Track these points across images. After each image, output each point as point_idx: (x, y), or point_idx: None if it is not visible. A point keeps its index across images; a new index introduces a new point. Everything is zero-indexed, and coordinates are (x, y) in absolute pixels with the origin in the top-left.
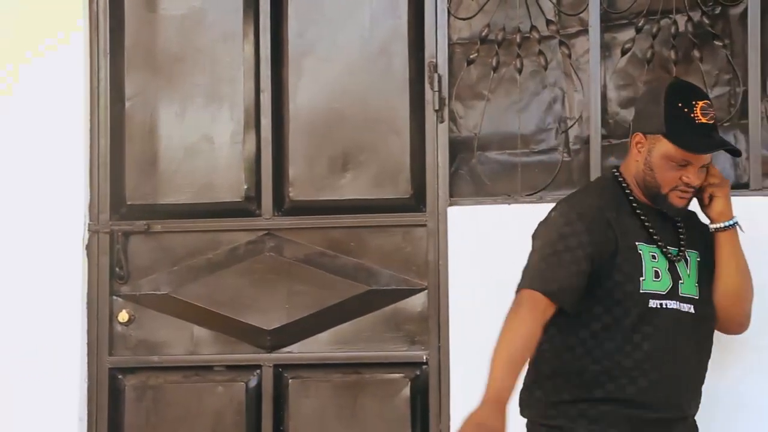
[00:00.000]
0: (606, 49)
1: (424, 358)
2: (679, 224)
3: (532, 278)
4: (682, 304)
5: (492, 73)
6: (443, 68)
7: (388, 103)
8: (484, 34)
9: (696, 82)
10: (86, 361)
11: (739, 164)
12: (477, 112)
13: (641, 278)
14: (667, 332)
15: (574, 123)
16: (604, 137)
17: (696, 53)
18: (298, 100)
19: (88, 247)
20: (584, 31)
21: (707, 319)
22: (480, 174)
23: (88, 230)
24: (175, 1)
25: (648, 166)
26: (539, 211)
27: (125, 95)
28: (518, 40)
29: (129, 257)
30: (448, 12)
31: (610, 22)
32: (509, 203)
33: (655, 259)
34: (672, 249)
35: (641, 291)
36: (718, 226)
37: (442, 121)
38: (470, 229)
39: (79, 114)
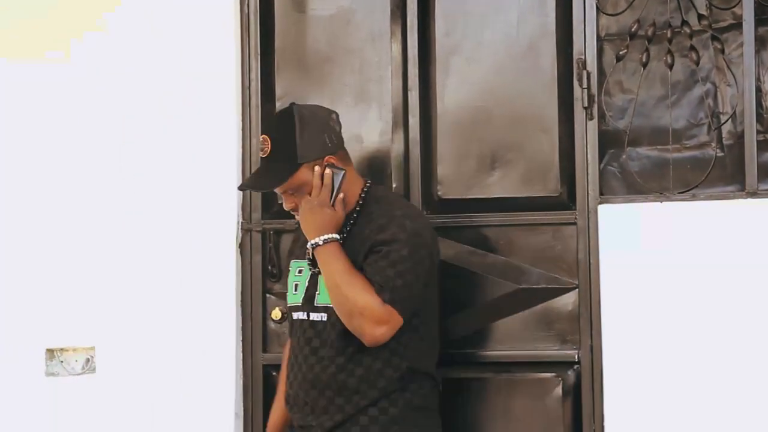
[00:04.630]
0: (760, 42)
1: (576, 357)
2: (346, 234)
3: None
4: (315, 314)
5: (642, 68)
6: (592, 65)
7: (535, 101)
8: (633, 29)
9: None
10: (241, 358)
11: None
12: (626, 108)
13: (286, 293)
14: (300, 341)
15: (729, 119)
16: (759, 132)
17: None
18: (446, 99)
19: (240, 246)
20: (737, 25)
21: (341, 324)
22: (630, 170)
23: (241, 229)
24: (323, 2)
25: None
26: (692, 209)
27: (276, 95)
28: (669, 35)
29: (281, 255)
30: (597, 8)
31: (764, 15)
32: (661, 201)
33: (300, 273)
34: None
35: (288, 305)
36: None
37: (591, 118)
38: (621, 227)
39: (231, 114)
